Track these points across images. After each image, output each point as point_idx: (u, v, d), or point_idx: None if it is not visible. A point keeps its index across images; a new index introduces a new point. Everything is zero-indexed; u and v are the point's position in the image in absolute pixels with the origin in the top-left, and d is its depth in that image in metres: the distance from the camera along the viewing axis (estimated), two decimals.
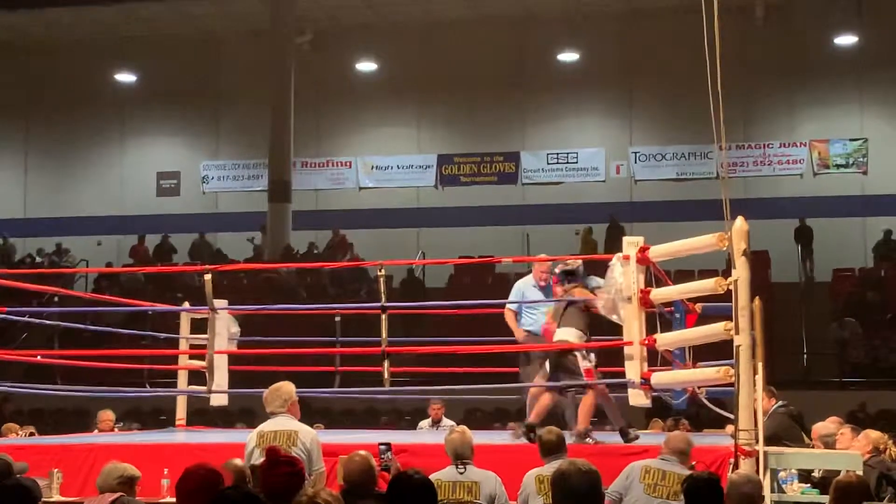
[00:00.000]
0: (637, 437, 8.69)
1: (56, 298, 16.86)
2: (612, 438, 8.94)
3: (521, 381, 10.01)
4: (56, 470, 8.15)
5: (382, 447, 7.47)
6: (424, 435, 11.85)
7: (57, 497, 7.89)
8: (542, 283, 10.15)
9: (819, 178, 26.35)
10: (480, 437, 7.43)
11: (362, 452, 6.35)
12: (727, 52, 7.43)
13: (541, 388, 9.25)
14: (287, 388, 7.41)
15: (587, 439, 8.73)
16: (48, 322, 14.60)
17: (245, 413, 16.14)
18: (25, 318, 15.09)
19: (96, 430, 12.20)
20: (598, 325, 9.30)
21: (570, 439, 8.05)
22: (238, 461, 6.73)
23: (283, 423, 7.20)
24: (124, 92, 29.35)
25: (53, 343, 12.57)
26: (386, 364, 9.29)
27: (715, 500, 5.35)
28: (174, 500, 7.37)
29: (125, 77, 29.39)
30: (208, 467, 4.90)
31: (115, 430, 12.15)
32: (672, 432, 7.95)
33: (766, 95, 26.11)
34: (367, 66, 28.32)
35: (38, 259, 26.92)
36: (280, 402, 7.29)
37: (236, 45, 28.24)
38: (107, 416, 12.12)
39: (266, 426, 7.26)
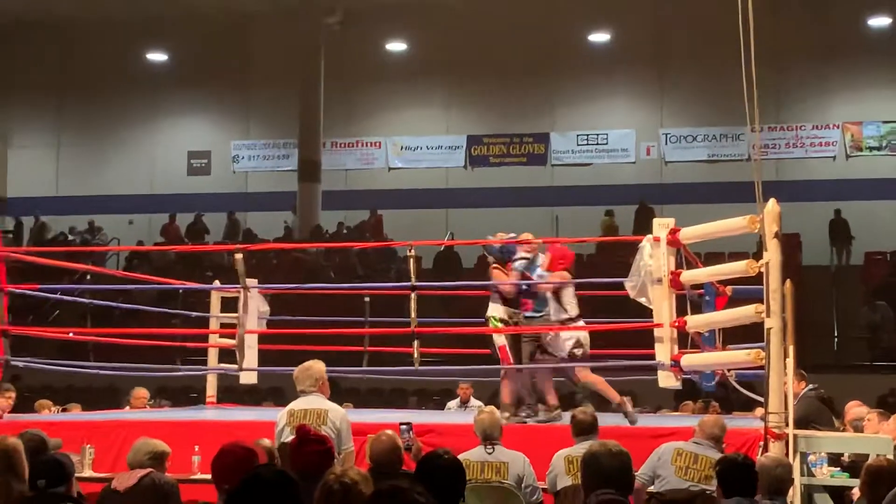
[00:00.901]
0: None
1: (88, 276, 16.99)
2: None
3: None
4: (88, 445, 8.22)
5: (404, 427, 7.50)
6: (453, 415, 11.89)
7: (89, 472, 7.95)
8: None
9: (852, 160, 26.14)
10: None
11: (389, 432, 6.39)
12: (760, 33, 7.37)
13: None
14: (318, 367, 7.44)
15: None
16: (80, 300, 14.69)
17: (274, 391, 16.24)
18: (57, 296, 15.24)
19: (128, 407, 12.30)
20: (626, 307, 9.28)
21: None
22: (267, 441, 6.77)
23: (313, 402, 7.24)
24: (156, 71, 29.46)
25: (86, 321, 12.66)
26: (416, 344, 9.32)
27: (749, 482, 5.34)
28: (205, 476, 7.46)
29: (157, 56, 29.49)
30: (244, 445, 4.92)
31: (147, 407, 12.24)
32: (705, 416, 7.93)
33: (798, 77, 25.90)
34: (396, 45, 28.28)
35: (70, 237, 27.13)
36: (311, 381, 7.33)
37: (267, 25, 28.24)
38: (141, 393, 12.21)
39: (296, 404, 7.29)
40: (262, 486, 3.50)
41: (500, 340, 9.05)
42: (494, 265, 9.46)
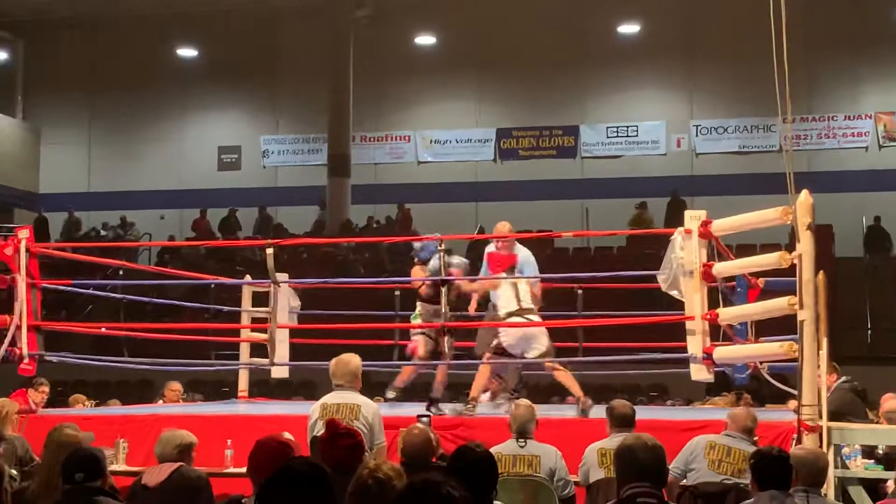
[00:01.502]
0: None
1: (121, 272, 17.09)
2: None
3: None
4: (122, 440, 8.27)
5: (424, 420, 7.52)
6: (483, 408, 11.88)
7: (123, 466, 8.00)
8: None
9: (885, 150, 25.93)
10: (539, 412, 7.41)
11: (420, 425, 6.39)
12: (791, 22, 7.32)
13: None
14: (356, 362, 7.44)
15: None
16: (113, 295, 14.80)
17: (305, 385, 16.29)
18: (90, 291, 15.35)
19: (161, 401, 12.37)
20: (658, 300, 9.26)
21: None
22: (288, 434, 6.76)
23: (346, 397, 7.25)
24: (186, 67, 29.60)
25: (119, 315, 12.74)
26: (446, 339, 9.32)
27: (784, 475, 5.31)
28: (237, 470, 7.50)
29: (187, 52, 29.63)
30: (279, 439, 4.93)
31: (181, 401, 12.32)
32: (737, 409, 7.89)
33: (830, 67, 25.72)
34: (425, 39, 28.28)
35: (102, 233, 27.31)
36: (349, 376, 7.34)
37: (296, 20, 28.30)
38: (175, 386, 12.28)
39: (329, 398, 7.31)
40: (295, 478, 3.50)
41: (415, 335, 9.53)
42: (416, 264, 9.90)
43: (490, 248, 9.91)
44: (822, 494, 5.81)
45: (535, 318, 9.27)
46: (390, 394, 9.90)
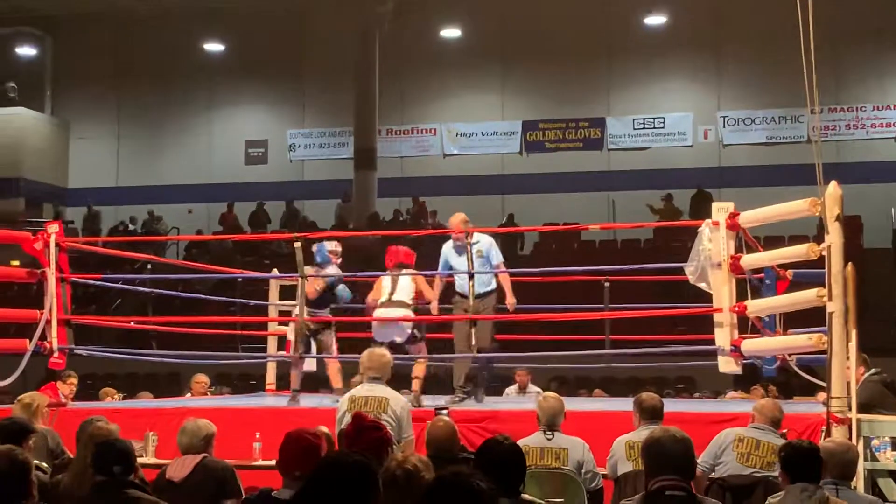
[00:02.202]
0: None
1: (149, 266, 17.20)
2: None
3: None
4: (151, 432, 8.32)
5: (443, 412, 7.53)
6: (511, 401, 11.90)
7: (152, 459, 8.05)
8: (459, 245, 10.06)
9: None
10: (566, 404, 7.41)
11: (446, 417, 6.40)
12: (818, 13, 7.28)
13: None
14: (387, 356, 7.48)
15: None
16: (141, 289, 14.88)
17: None
18: (119, 285, 15.45)
19: (189, 394, 12.44)
20: (685, 293, 9.24)
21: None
22: (324, 428, 6.79)
23: (375, 390, 7.27)
24: (213, 61, 29.69)
25: (147, 309, 12.81)
26: (472, 331, 9.33)
27: (814, 468, 5.29)
28: (266, 462, 7.53)
29: (214, 46, 29.72)
30: (309, 431, 4.95)
31: (208, 393, 12.38)
32: (762, 400, 7.87)
33: (858, 57, 25.51)
34: (450, 32, 28.25)
35: (130, 227, 27.46)
36: (383, 368, 7.38)
37: (322, 14, 28.33)
38: (201, 379, 12.34)
39: (358, 391, 7.33)
40: (343, 471, 3.50)
41: (290, 335, 10.00)
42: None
43: (448, 243, 10.00)
44: (851, 487, 5.80)
45: (400, 310, 9.62)
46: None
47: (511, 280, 10.05)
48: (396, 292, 9.72)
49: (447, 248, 10.11)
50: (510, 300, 9.85)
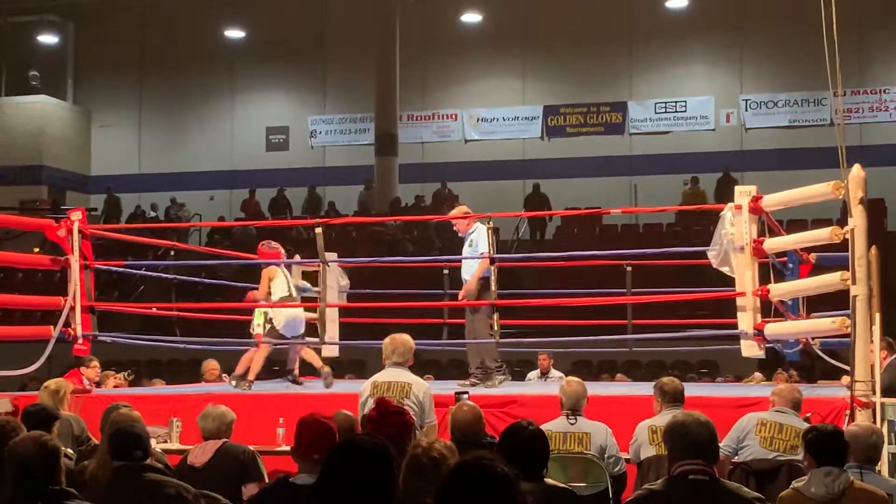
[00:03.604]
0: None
1: (172, 252, 17.26)
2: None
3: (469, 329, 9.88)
4: (175, 419, 8.36)
5: (464, 396, 7.55)
6: (534, 386, 11.90)
7: (177, 445, 8.09)
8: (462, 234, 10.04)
9: None
10: (589, 389, 7.41)
11: (470, 402, 6.41)
12: None
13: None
14: (410, 341, 7.48)
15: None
16: (164, 276, 14.93)
17: (355, 364, 16.38)
18: (142, 272, 15.51)
19: (202, 381, 12.44)
20: (707, 277, 9.22)
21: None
22: (346, 411, 6.80)
23: (397, 375, 7.28)
24: (234, 48, 29.71)
25: (170, 296, 12.87)
26: (495, 316, 9.32)
27: (840, 452, 5.28)
28: (289, 448, 7.56)
29: (235, 33, 29.72)
30: (323, 416, 4.98)
31: (223, 378, 12.37)
32: (780, 385, 7.85)
33: (881, 39, 25.34)
34: (471, 17, 28.17)
35: (152, 213, 27.56)
36: (407, 353, 7.39)
37: (342, 0, 28.33)
38: (212, 365, 12.34)
39: (380, 377, 7.34)
40: (362, 454, 3.51)
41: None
42: None
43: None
44: (876, 471, 5.78)
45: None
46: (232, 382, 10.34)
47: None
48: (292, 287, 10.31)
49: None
50: (464, 288, 9.65)
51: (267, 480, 6.26)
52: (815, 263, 9.10)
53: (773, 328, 8.20)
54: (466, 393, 7.73)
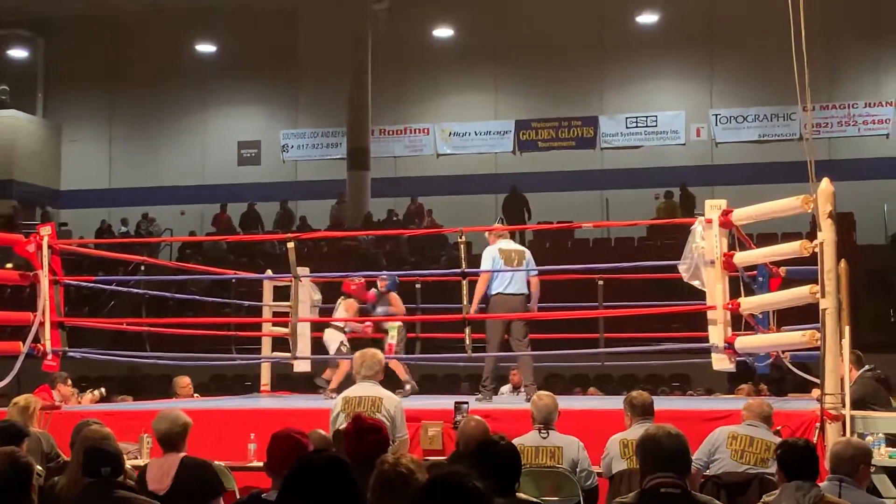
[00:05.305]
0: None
1: (142, 267, 17.19)
2: None
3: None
4: (146, 435, 8.29)
5: (464, 406, 7.55)
6: (505, 400, 11.89)
7: (147, 461, 8.02)
8: None
9: None
10: (561, 403, 7.42)
11: (477, 417, 6.46)
12: (810, 11, 7.29)
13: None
14: (379, 355, 7.51)
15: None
16: (135, 290, 14.86)
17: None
18: (112, 287, 15.40)
19: (175, 398, 12.36)
20: (678, 291, 9.25)
21: None
22: (321, 431, 6.77)
23: (368, 389, 7.28)
24: (205, 63, 29.64)
25: (141, 311, 12.78)
26: (467, 331, 9.33)
27: (811, 467, 5.28)
28: (261, 463, 7.52)
29: (206, 48, 29.68)
30: (295, 432, 4.96)
31: (195, 396, 12.32)
32: (750, 399, 7.88)
33: (850, 54, 25.55)
34: (443, 31, 28.25)
35: (123, 228, 27.40)
36: (376, 367, 7.40)
37: (315, 14, 28.33)
38: (184, 381, 12.26)
39: (351, 392, 7.34)
40: (316, 472, 3.51)
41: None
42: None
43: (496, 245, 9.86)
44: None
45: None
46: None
47: None
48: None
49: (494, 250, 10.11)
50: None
51: (234, 489, 6.20)
52: (785, 277, 9.15)
53: (744, 341, 8.24)
54: (467, 403, 7.74)
